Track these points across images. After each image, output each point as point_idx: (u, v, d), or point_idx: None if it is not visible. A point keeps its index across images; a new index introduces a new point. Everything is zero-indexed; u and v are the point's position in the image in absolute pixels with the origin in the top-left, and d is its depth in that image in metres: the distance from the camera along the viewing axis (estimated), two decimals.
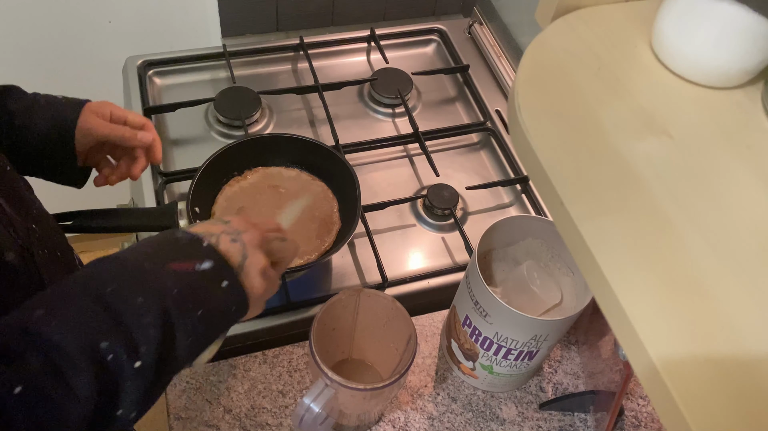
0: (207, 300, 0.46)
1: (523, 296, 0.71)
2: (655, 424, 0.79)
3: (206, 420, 0.73)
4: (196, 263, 0.46)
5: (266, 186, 0.87)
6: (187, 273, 0.46)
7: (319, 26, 1.24)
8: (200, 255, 0.47)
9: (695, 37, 0.46)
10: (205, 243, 0.48)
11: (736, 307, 0.35)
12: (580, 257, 0.39)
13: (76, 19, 1.23)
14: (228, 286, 0.48)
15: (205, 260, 0.47)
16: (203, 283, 0.46)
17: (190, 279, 0.46)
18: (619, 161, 0.42)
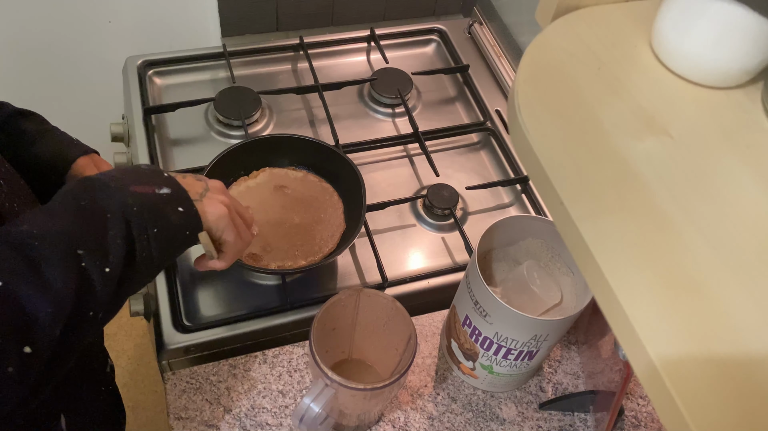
0: (162, 220, 0.52)
1: (523, 296, 0.71)
2: (655, 424, 0.79)
3: (206, 420, 0.73)
4: (155, 188, 0.52)
5: (273, 186, 0.87)
6: (146, 194, 0.51)
7: (319, 26, 1.24)
8: (160, 182, 0.53)
9: (695, 37, 0.46)
10: (165, 175, 0.55)
11: (736, 307, 0.35)
12: (580, 257, 0.39)
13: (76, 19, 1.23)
14: (183, 211, 0.54)
15: (164, 186, 0.53)
16: (160, 205, 0.52)
17: (149, 200, 0.51)
18: (619, 161, 0.42)
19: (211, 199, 0.57)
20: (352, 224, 0.84)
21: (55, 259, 0.45)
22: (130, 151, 1.00)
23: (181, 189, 0.54)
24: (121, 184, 0.51)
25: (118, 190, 0.50)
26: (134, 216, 0.50)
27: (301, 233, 0.84)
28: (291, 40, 1.14)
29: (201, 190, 0.57)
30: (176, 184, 0.54)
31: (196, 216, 0.55)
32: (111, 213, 0.49)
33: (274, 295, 0.84)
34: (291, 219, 0.85)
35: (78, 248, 0.46)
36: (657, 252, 0.38)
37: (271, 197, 0.86)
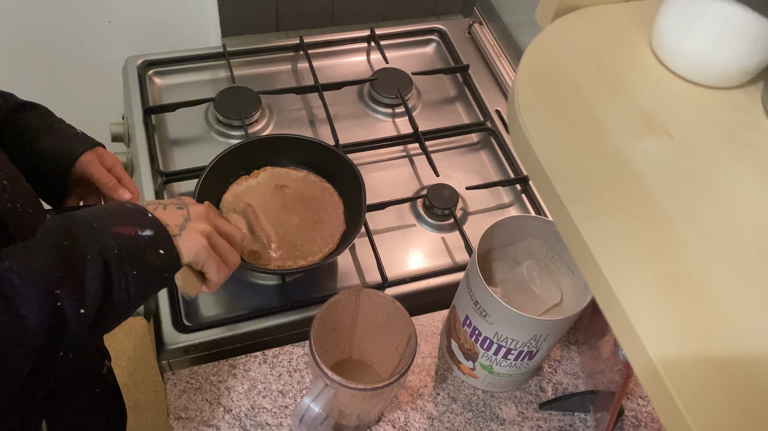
0: (142, 263, 0.52)
1: (523, 296, 0.71)
2: (655, 424, 0.79)
3: (206, 420, 0.73)
4: (138, 229, 0.52)
5: (273, 186, 0.87)
6: (128, 236, 0.51)
7: (319, 26, 1.24)
8: (143, 224, 0.53)
9: (695, 36, 0.46)
10: (150, 215, 0.54)
11: (736, 307, 0.35)
12: (580, 257, 0.39)
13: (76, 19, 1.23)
14: (164, 254, 0.54)
15: (147, 228, 0.53)
16: (141, 248, 0.52)
17: (130, 243, 0.51)
18: (619, 161, 0.42)
19: (190, 231, 0.57)
20: (352, 224, 0.84)
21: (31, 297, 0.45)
22: (130, 151, 1.00)
23: (163, 231, 0.54)
24: (104, 224, 0.51)
25: (100, 231, 0.50)
26: (114, 258, 0.50)
27: (301, 233, 0.84)
28: (291, 40, 1.14)
29: (181, 221, 0.57)
30: (159, 226, 0.54)
31: (176, 259, 0.55)
32: (91, 255, 0.49)
33: (274, 295, 0.84)
34: (291, 219, 0.85)
35: (55, 288, 0.46)
36: (657, 252, 0.38)
37: (271, 197, 0.86)
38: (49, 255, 0.47)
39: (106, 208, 0.53)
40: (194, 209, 0.59)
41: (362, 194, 0.83)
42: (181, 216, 0.57)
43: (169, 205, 0.57)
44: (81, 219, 0.51)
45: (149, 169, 0.93)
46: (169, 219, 0.55)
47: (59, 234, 0.49)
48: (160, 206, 0.57)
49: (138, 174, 0.93)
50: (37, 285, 0.45)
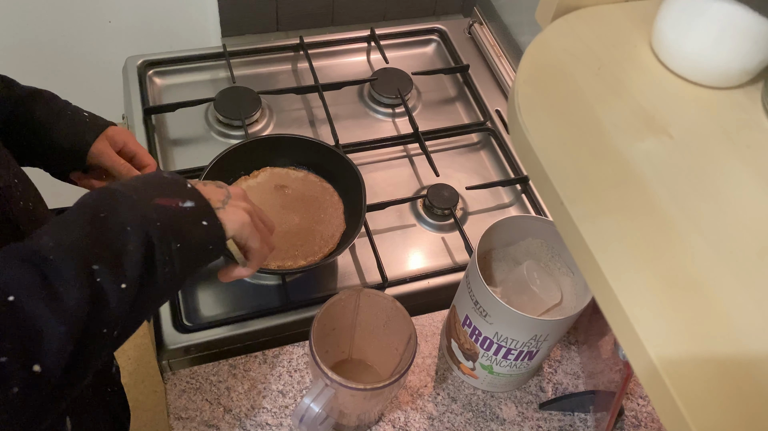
0: (186, 235, 0.49)
1: (523, 296, 0.71)
2: (655, 424, 0.79)
3: (206, 420, 0.73)
4: (179, 201, 0.50)
5: (273, 186, 0.87)
6: (170, 208, 0.49)
7: (319, 26, 1.24)
8: (184, 195, 0.51)
9: (695, 36, 0.46)
10: (189, 186, 0.52)
11: (737, 307, 0.35)
12: (580, 257, 0.39)
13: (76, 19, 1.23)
14: (207, 226, 0.51)
15: (188, 200, 0.51)
16: (184, 220, 0.50)
17: (173, 214, 0.49)
18: (619, 161, 0.42)
19: (233, 206, 0.55)
20: (352, 224, 0.84)
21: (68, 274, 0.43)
22: None
23: (204, 201, 0.52)
24: (143, 196, 0.48)
25: (140, 202, 0.48)
26: (155, 231, 0.47)
27: (301, 233, 0.84)
28: (291, 40, 1.14)
29: (223, 197, 0.55)
30: (200, 197, 0.52)
31: (220, 229, 0.53)
32: (131, 226, 0.46)
33: (274, 295, 0.84)
34: (291, 219, 0.85)
35: (93, 263, 0.44)
36: (657, 252, 0.38)
37: (271, 197, 0.86)
38: (84, 229, 0.45)
39: (144, 179, 0.51)
40: (234, 190, 0.58)
41: (362, 194, 0.83)
42: (222, 194, 0.56)
43: (208, 183, 0.56)
44: (118, 191, 0.48)
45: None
46: (210, 194, 0.54)
47: (96, 207, 0.47)
48: (199, 183, 0.55)
49: None
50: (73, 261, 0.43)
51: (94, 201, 0.48)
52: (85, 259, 0.44)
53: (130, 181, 0.51)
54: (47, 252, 0.43)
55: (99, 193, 0.48)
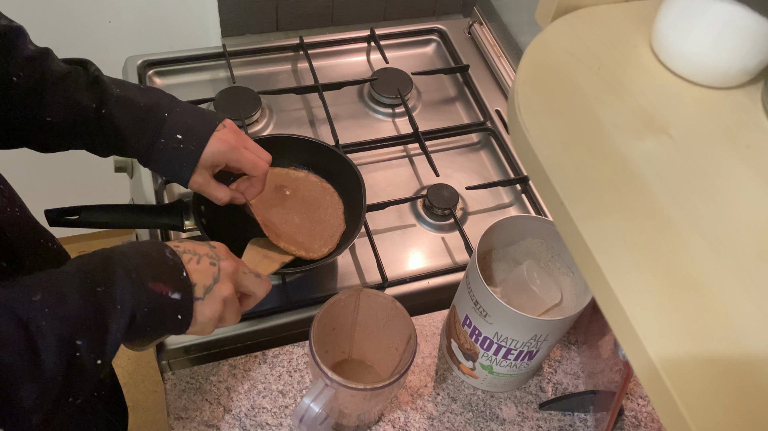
0: (160, 325, 0.53)
1: (523, 296, 0.71)
2: (655, 424, 0.79)
3: (206, 420, 0.73)
4: (170, 291, 0.52)
5: (273, 186, 0.87)
6: (160, 296, 0.51)
7: (319, 26, 1.24)
8: (176, 285, 0.53)
9: (695, 36, 0.46)
10: (183, 275, 0.54)
11: (736, 307, 0.35)
12: (580, 257, 0.39)
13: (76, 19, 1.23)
14: (180, 319, 0.54)
15: (176, 291, 0.53)
16: (166, 310, 0.52)
17: (159, 303, 0.51)
18: (619, 161, 0.42)
19: (212, 297, 0.56)
20: (352, 224, 0.84)
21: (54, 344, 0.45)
22: None
23: (189, 296, 0.54)
24: (140, 278, 0.50)
25: (137, 285, 0.50)
26: (141, 316, 0.50)
27: (301, 233, 0.84)
28: (291, 40, 1.14)
29: (210, 282, 0.56)
30: (188, 291, 0.54)
31: (186, 326, 0.55)
32: (122, 306, 0.49)
33: (274, 295, 0.84)
34: (291, 219, 0.85)
35: (79, 337, 0.46)
36: (657, 252, 0.38)
37: (271, 197, 0.86)
38: (80, 302, 0.47)
39: (146, 255, 0.52)
40: (225, 265, 0.57)
41: (362, 194, 0.83)
42: (210, 276, 0.56)
43: (203, 257, 0.56)
44: (119, 264, 0.50)
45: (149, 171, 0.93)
46: (199, 278, 0.55)
47: (94, 278, 0.48)
48: (194, 258, 0.56)
49: (138, 174, 0.93)
50: (62, 333, 0.45)
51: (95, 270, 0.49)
52: (74, 332, 0.46)
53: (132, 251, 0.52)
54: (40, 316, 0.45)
55: (102, 262, 0.50)
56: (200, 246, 0.58)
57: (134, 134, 0.66)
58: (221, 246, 0.60)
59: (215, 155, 0.67)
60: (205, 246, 0.58)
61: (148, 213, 0.80)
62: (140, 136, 0.66)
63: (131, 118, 0.65)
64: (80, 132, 0.65)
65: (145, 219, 0.79)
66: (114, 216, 0.76)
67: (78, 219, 0.73)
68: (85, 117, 0.64)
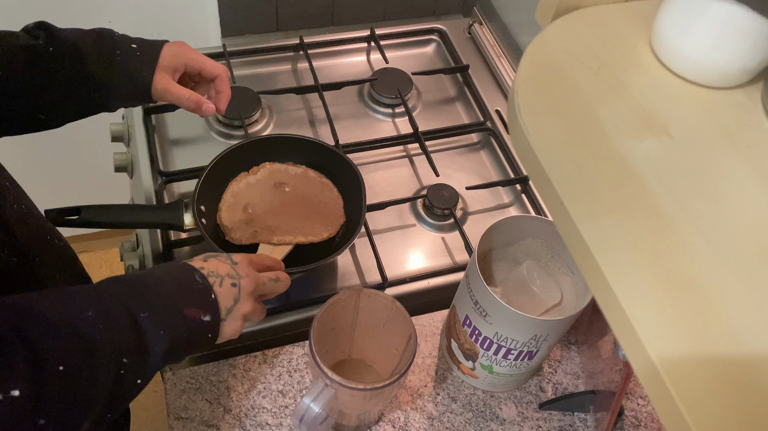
0: (195, 346, 0.56)
1: (523, 296, 0.71)
2: (655, 424, 0.79)
3: (206, 420, 0.73)
4: (202, 314, 0.55)
5: (273, 183, 0.87)
6: (195, 321, 0.54)
7: (319, 26, 1.24)
8: (206, 308, 0.56)
9: (695, 36, 0.46)
10: (212, 297, 0.57)
11: (736, 307, 0.35)
12: (580, 257, 0.39)
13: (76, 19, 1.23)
14: (210, 338, 0.57)
15: (208, 314, 0.56)
16: (200, 333, 0.55)
17: (195, 328, 0.54)
18: (619, 161, 0.42)
19: (234, 317, 0.59)
20: (352, 224, 0.84)
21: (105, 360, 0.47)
22: (130, 151, 1.00)
23: (217, 317, 0.57)
24: (177, 306, 0.53)
25: (175, 311, 0.53)
26: (180, 342, 0.53)
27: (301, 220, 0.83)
28: (291, 40, 1.14)
29: (231, 303, 0.59)
30: (216, 312, 0.57)
31: (215, 340, 0.58)
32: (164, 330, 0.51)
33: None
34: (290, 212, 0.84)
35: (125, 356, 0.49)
36: (657, 252, 0.38)
37: (271, 194, 0.86)
38: (126, 323, 0.49)
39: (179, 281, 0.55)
40: (245, 284, 0.60)
41: (362, 194, 0.83)
42: (232, 298, 0.59)
43: (225, 279, 0.59)
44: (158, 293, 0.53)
45: (149, 169, 0.93)
46: (222, 300, 0.58)
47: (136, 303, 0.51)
48: (217, 281, 0.58)
49: (138, 174, 0.93)
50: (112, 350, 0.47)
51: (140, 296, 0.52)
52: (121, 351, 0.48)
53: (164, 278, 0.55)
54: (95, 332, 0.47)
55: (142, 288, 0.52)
56: (222, 265, 0.60)
57: (91, 54, 0.67)
58: (242, 261, 0.62)
59: (173, 56, 0.70)
60: (227, 263, 0.60)
61: (148, 212, 0.80)
62: (98, 54, 0.67)
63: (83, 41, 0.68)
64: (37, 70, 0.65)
65: (145, 218, 0.79)
66: (114, 216, 0.76)
67: (78, 219, 0.73)
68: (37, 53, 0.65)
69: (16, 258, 0.57)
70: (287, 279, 0.67)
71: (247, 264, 0.62)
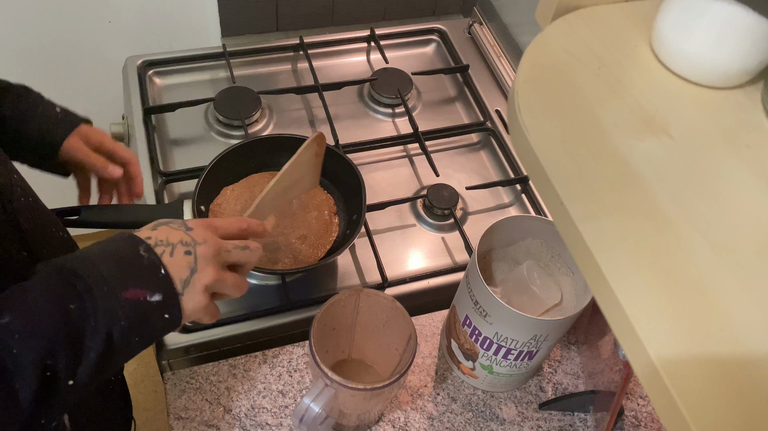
0: (147, 329, 0.49)
1: (523, 296, 0.71)
2: (655, 424, 0.79)
3: (206, 420, 0.73)
4: (148, 293, 0.48)
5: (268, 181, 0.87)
6: (138, 302, 0.48)
7: (319, 26, 1.24)
8: (154, 285, 0.49)
9: (695, 36, 0.46)
10: (162, 273, 0.50)
11: (736, 307, 0.35)
12: (580, 257, 0.39)
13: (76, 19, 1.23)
14: (168, 318, 0.50)
15: (157, 292, 0.49)
16: (148, 314, 0.49)
17: (139, 310, 0.48)
18: (619, 161, 0.42)
19: (193, 289, 0.52)
20: (352, 224, 0.84)
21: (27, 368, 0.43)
22: None
23: (172, 292, 0.50)
24: (113, 288, 0.47)
25: (110, 297, 0.46)
26: (118, 330, 0.47)
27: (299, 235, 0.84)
28: (291, 40, 1.14)
29: (186, 273, 0.51)
30: (169, 287, 0.50)
31: (178, 320, 0.51)
32: (96, 321, 0.46)
33: (274, 295, 0.84)
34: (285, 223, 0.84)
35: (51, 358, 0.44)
36: (657, 253, 0.38)
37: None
38: (52, 320, 0.44)
39: (118, 258, 0.49)
40: (202, 250, 0.53)
41: (362, 194, 0.83)
42: (187, 267, 0.51)
43: (177, 247, 0.52)
44: (90, 277, 0.46)
45: (149, 169, 0.93)
46: (175, 272, 0.51)
47: (65, 294, 0.45)
48: (167, 249, 0.51)
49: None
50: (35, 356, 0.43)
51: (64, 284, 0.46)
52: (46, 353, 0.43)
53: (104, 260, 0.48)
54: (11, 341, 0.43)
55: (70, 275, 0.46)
56: (174, 232, 0.52)
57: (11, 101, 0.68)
58: (199, 226, 0.54)
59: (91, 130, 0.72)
60: (180, 230, 0.53)
61: (148, 211, 0.80)
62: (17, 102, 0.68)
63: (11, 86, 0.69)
64: None
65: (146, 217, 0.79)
66: (114, 216, 0.76)
67: (78, 219, 0.73)
68: None
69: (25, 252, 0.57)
70: (258, 249, 0.58)
71: (205, 228, 0.54)
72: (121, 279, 0.47)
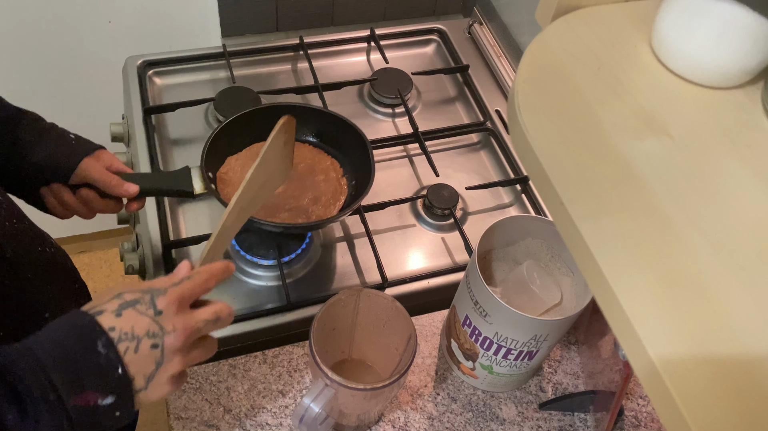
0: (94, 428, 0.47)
1: (523, 296, 0.71)
2: (655, 424, 0.79)
3: (206, 420, 0.73)
4: (100, 397, 0.46)
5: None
6: (87, 407, 0.45)
7: (319, 26, 1.25)
8: (108, 388, 0.46)
9: (695, 37, 0.46)
10: (118, 373, 0.46)
11: (736, 307, 0.35)
12: (580, 257, 0.39)
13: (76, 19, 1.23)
14: (119, 416, 0.48)
15: (110, 395, 0.46)
16: (97, 415, 0.46)
17: (88, 414, 0.46)
18: (619, 161, 0.42)
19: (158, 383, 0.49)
20: (360, 187, 0.82)
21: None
22: (130, 151, 1.00)
23: (126, 394, 0.47)
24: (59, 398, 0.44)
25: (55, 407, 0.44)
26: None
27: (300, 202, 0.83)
28: (291, 40, 1.14)
29: (152, 368, 0.48)
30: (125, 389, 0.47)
31: (131, 414, 0.49)
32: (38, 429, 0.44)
33: (274, 295, 0.84)
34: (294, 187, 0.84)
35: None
36: (657, 253, 0.38)
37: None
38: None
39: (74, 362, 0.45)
40: (170, 341, 0.49)
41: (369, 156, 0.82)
42: (153, 362, 0.48)
43: (143, 341, 0.47)
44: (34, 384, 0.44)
45: (149, 169, 0.93)
46: (138, 368, 0.47)
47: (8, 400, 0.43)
48: (132, 345, 0.47)
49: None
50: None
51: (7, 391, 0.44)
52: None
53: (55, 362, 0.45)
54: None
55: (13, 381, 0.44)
56: (141, 319, 0.48)
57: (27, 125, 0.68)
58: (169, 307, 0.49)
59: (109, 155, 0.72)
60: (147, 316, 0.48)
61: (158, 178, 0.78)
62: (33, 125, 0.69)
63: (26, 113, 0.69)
64: None
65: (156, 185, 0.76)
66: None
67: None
68: None
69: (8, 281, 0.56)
70: (230, 315, 0.54)
71: (176, 309, 0.50)
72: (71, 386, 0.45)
